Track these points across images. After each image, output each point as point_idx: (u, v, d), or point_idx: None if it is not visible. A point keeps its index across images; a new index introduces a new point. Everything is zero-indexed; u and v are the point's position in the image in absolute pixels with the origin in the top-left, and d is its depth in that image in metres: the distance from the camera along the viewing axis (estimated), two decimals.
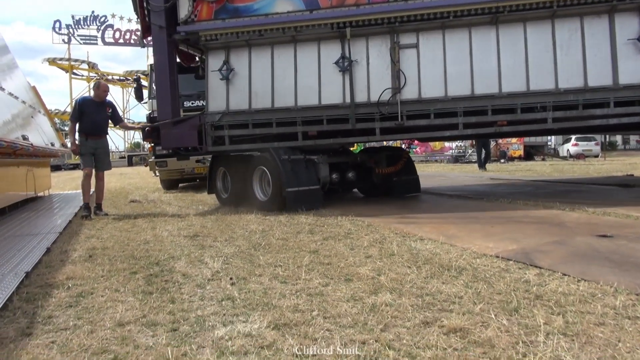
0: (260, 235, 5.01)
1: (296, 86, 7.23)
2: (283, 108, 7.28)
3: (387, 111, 6.96)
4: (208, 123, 7.51)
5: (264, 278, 3.36)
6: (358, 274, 3.34)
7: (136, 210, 7.95)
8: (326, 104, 7.17)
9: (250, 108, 7.38)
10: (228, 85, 7.44)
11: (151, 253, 4.34)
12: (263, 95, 7.33)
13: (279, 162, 6.85)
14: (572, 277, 3.08)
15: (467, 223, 5.38)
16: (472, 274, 3.24)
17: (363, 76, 7.10)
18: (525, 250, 3.90)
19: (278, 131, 7.30)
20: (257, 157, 7.37)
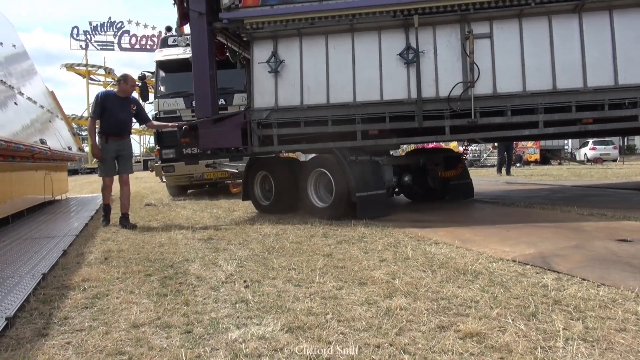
0: (274, 238, 5.02)
1: (354, 80, 6.60)
2: (340, 104, 6.65)
3: (458, 108, 6.35)
4: (254, 121, 6.85)
5: (277, 281, 3.36)
6: (372, 277, 3.31)
7: (151, 213, 8.01)
8: (389, 99, 6.53)
9: (302, 104, 6.72)
10: (277, 79, 6.80)
11: (166, 256, 4.37)
12: (317, 90, 6.70)
13: (346, 163, 6.26)
14: (592, 282, 3.01)
15: (482, 227, 5.32)
16: (488, 278, 3.19)
17: (430, 69, 6.47)
18: (542, 254, 3.83)
19: (334, 130, 6.70)
20: (315, 159, 6.82)
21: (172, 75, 10.99)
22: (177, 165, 10.70)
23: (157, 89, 10.96)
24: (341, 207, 6.30)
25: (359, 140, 6.65)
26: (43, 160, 8.63)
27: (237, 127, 6.96)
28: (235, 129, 6.96)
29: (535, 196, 8.32)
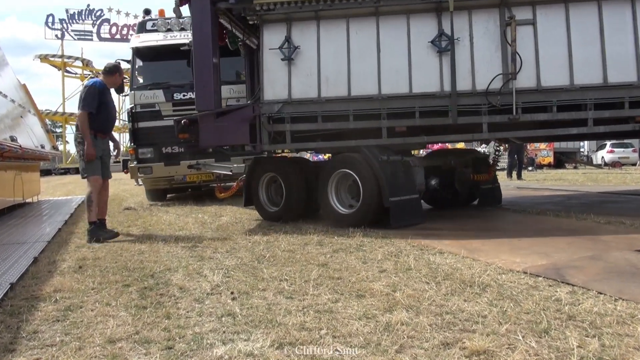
0: (265, 246, 5.01)
1: (380, 70, 6.30)
2: (363, 97, 6.35)
3: (498, 102, 6.11)
4: (264, 115, 6.51)
5: (267, 293, 3.35)
6: (371, 289, 3.31)
7: (130, 218, 7.99)
8: (419, 92, 6.26)
9: (319, 96, 6.42)
10: (290, 68, 6.47)
11: (146, 264, 4.35)
12: (336, 81, 6.41)
13: (378, 164, 5.97)
14: (609, 296, 3.02)
15: (491, 235, 5.32)
16: (497, 291, 3.19)
17: (466, 59, 6.19)
18: (556, 265, 3.84)
19: (356, 126, 6.43)
20: (338, 159, 6.49)
21: (151, 64, 10.65)
22: (156, 166, 10.24)
23: (134, 79, 10.47)
24: (369, 214, 6.04)
25: (384, 138, 6.33)
26: (13, 159, 8.59)
27: (244, 122, 6.62)
28: (242, 124, 6.62)
29: (548, 202, 8.35)
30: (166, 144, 10.05)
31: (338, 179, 6.46)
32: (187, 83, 9.75)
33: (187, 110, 9.58)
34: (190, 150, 9.58)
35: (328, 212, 6.47)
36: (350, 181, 6.37)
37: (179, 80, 10.05)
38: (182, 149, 9.90)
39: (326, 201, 6.46)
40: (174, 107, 9.89)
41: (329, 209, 6.44)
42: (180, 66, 9.86)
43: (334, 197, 6.46)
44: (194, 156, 9.78)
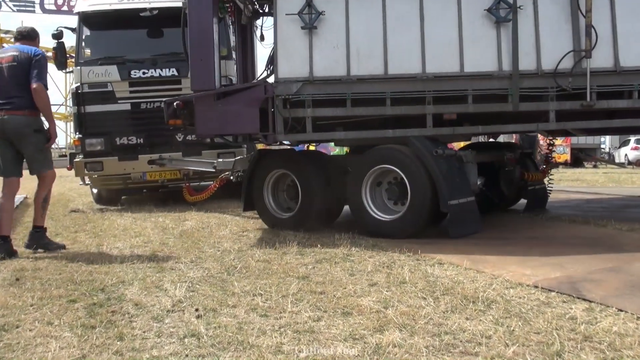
0: (236, 255, 5.00)
1: (423, 43, 5.97)
2: (403, 76, 6.01)
3: (569, 85, 5.84)
4: (279, 97, 6.12)
5: (238, 310, 3.34)
6: (359, 306, 3.32)
7: (78, 222, 7.91)
8: (471, 72, 5.95)
9: (348, 74, 6.07)
10: (312, 38, 6.07)
11: (95, 276, 4.31)
12: (369, 55, 6.06)
13: (432, 159, 5.70)
14: (630, 314, 3.07)
15: (498, 244, 5.38)
16: (503, 307, 3.23)
17: (529, 31, 5.88)
18: (571, 279, 3.89)
19: (394, 112, 6.13)
20: (377, 153, 6.12)
21: (102, 34, 9.99)
22: (107, 161, 9.54)
23: (80, 52, 9.76)
24: (421, 220, 5.77)
25: (429, 127, 6.04)
26: None
27: (254, 106, 6.21)
28: (251, 108, 6.20)
29: (563, 206, 8.45)
30: (121, 133, 9.52)
31: (374, 178, 6.13)
32: (149, 58, 9.49)
33: (148, 92, 9.38)
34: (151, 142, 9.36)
35: (362, 218, 6.12)
36: (390, 180, 6.11)
37: (137, 54, 9.60)
38: (142, 139, 9.51)
39: (359, 205, 6.11)
40: (131, 88, 9.46)
41: (364, 214, 6.08)
42: (139, 37, 9.59)
43: (369, 200, 6.11)
44: (155, 149, 9.48)
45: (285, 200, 6.90)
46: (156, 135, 9.48)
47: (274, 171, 6.82)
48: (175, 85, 9.22)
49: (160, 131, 9.32)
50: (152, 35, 9.79)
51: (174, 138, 9.50)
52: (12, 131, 5.46)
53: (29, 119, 5.51)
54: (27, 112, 5.50)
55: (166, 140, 9.51)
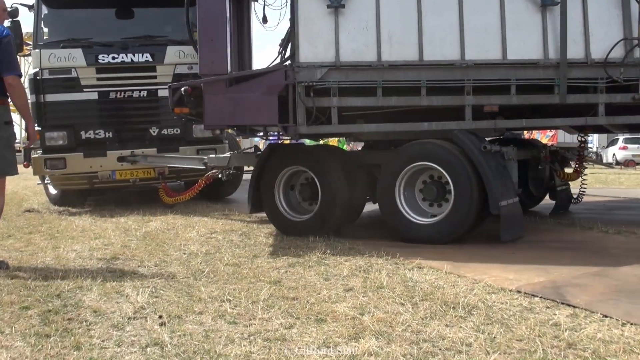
0: (203, 259, 4.97)
1: (462, 27, 5.79)
2: (439, 63, 5.85)
3: (620, 77, 5.70)
4: (302, 83, 5.86)
5: (205, 317, 3.32)
6: (334, 312, 3.32)
7: (33, 223, 7.78)
8: (515, 59, 5.82)
9: (379, 60, 5.82)
10: (337, 18, 5.80)
11: (51, 281, 4.24)
12: (402, 39, 5.84)
13: (482, 156, 5.50)
14: (615, 320, 3.13)
15: (480, 247, 5.45)
16: (485, 313, 3.27)
17: (577, 17, 5.75)
18: (555, 283, 3.95)
19: (430, 103, 5.92)
20: (414, 148, 5.88)
21: (65, 13, 9.39)
22: (71, 157, 8.93)
23: (38, 33, 9.18)
24: (465, 223, 5.57)
25: (468, 120, 5.86)
26: None
27: (272, 93, 5.92)
28: (268, 96, 5.91)
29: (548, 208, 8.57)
30: (87, 126, 8.92)
31: (410, 176, 5.89)
32: (119, 41, 8.96)
33: (118, 80, 8.90)
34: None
35: (395, 221, 5.86)
36: (425, 179, 5.92)
37: (106, 36, 9.01)
38: (110, 133, 8.96)
39: (392, 206, 5.85)
40: (98, 75, 8.90)
41: (398, 217, 5.82)
42: (108, 16, 9.09)
43: (403, 200, 5.85)
44: (126, 144, 8.96)
45: (298, 201, 6.62)
46: (127, 129, 9.08)
47: (287, 168, 6.48)
48: (149, 72, 8.94)
49: (131, 124, 9.08)
50: (123, 16, 9.29)
51: (148, 132, 9.08)
52: None
53: None
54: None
55: (139, 134, 9.09)
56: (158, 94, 8.95)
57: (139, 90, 8.99)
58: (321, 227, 6.08)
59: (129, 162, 8.87)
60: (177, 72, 8.83)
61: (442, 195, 5.79)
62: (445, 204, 5.74)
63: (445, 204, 5.75)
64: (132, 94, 8.93)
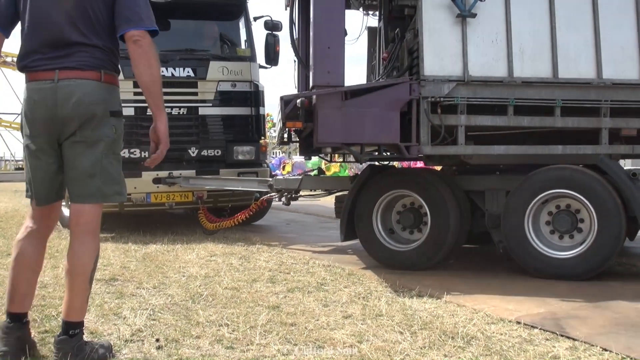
0: (203, 282, 4.96)
1: (597, 44, 5.45)
2: (575, 81, 5.48)
3: None
4: (427, 99, 5.42)
5: (203, 341, 3.31)
6: (332, 339, 3.31)
7: None
8: None
9: (511, 75, 5.46)
10: (465, 29, 5.44)
11: (48, 301, 4.24)
12: (534, 55, 5.50)
13: (633, 185, 5.13)
14: (615, 354, 3.12)
15: (480, 276, 5.43)
16: (484, 344, 3.25)
17: None
18: (555, 315, 3.94)
19: (565, 124, 5.53)
20: (550, 175, 5.40)
21: None
22: None
23: None
24: (608, 259, 5.14)
25: (604, 144, 5.48)
26: None
27: (394, 109, 5.46)
28: (389, 112, 5.45)
29: None
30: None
31: (539, 206, 5.45)
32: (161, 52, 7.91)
33: None
34: None
35: (526, 255, 5.38)
36: (551, 210, 5.47)
37: None
38: (147, 153, 7.86)
39: (521, 239, 5.37)
40: (136, 89, 7.68)
41: (529, 250, 5.36)
42: None
43: (532, 232, 5.38)
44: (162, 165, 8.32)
45: (400, 229, 6.11)
46: None
47: (389, 192, 5.99)
48: (190, 88, 8.46)
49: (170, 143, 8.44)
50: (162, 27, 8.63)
51: (187, 152, 8.49)
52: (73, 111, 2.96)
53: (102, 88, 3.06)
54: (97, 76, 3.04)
55: (177, 154, 8.31)
56: (199, 112, 8.55)
57: (179, 107, 8.43)
58: (431, 257, 5.69)
59: (167, 184, 8.25)
60: (219, 89, 8.50)
61: (573, 227, 5.36)
62: (578, 235, 5.34)
63: (577, 235, 5.35)
64: (172, 111, 8.24)
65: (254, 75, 8.75)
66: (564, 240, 5.40)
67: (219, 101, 8.58)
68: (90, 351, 2.96)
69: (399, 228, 6.09)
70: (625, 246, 6.17)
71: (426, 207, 5.76)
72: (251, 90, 8.67)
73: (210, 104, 8.54)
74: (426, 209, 5.76)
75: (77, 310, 3.01)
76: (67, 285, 3.01)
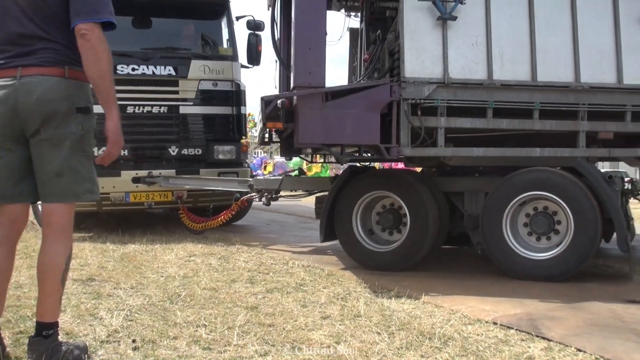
0: (181, 282, 4.93)
1: (576, 48, 5.50)
2: (554, 85, 5.53)
3: None
4: (407, 100, 5.43)
5: (180, 342, 3.30)
6: (309, 340, 3.32)
7: None
8: (630, 84, 5.52)
9: (490, 78, 5.49)
10: (445, 31, 5.46)
11: (24, 302, 4.19)
12: (514, 58, 5.54)
13: (610, 188, 5.21)
14: (589, 354, 3.16)
15: (458, 277, 5.48)
16: (460, 345, 3.28)
17: None
18: (531, 315, 3.98)
19: (543, 127, 5.58)
20: (529, 177, 5.43)
21: None
22: None
23: None
24: (584, 260, 5.21)
25: (582, 147, 5.52)
26: None
27: (374, 110, 5.47)
28: (370, 113, 5.47)
29: None
30: (100, 142, 7.64)
31: (517, 208, 5.48)
32: (139, 51, 8.32)
33: (137, 93, 8.19)
34: None
35: (506, 258, 5.41)
36: (528, 212, 5.52)
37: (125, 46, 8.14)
38: (126, 151, 8.03)
39: (500, 241, 5.41)
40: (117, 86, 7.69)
41: (509, 253, 5.38)
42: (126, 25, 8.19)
43: (511, 235, 5.42)
44: (142, 164, 8.23)
45: (379, 230, 6.14)
46: (144, 148, 8.37)
47: (369, 194, 6.02)
48: (171, 87, 8.37)
49: (149, 142, 8.42)
50: (144, 25, 8.69)
51: (166, 151, 8.42)
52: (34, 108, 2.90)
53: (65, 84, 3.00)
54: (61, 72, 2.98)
55: (156, 153, 8.41)
56: (180, 111, 8.47)
57: (160, 105, 8.35)
58: (410, 258, 5.73)
59: (147, 183, 8.17)
60: (201, 87, 8.44)
61: (550, 228, 5.41)
62: (555, 237, 5.40)
63: (554, 237, 5.40)
64: (152, 109, 8.30)
65: (236, 75, 8.73)
66: (541, 241, 5.45)
67: (200, 100, 8.53)
68: (65, 352, 2.94)
69: (378, 229, 6.12)
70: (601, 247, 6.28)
71: (405, 208, 5.79)
72: (233, 90, 8.66)
73: (191, 102, 8.49)
74: (405, 210, 5.79)
75: (50, 311, 3.00)
76: (39, 286, 3.01)
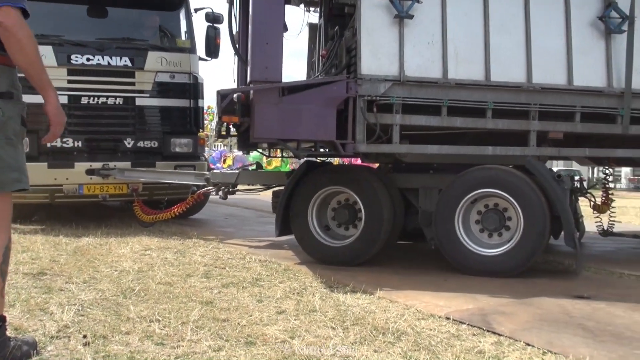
0: (135, 276, 4.88)
1: (528, 49, 5.62)
2: (507, 85, 5.64)
3: None
4: (363, 97, 5.48)
5: (132, 337, 3.26)
6: (264, 335, 3.33)
7: None
8: (581, 86, 5.69)
9: (445, 77, 5.57)
10: (402, 30, 5.49)
11: None
12: (469, 57, 5.63)
13: (557, 185, 5.32)
14: (537, 349, 3.25)
15: (413, 273, 5.55)
16: (413, 339, 3.33)
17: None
18: (483, 311, 4.07)
19: (495, 126, 5.70)
20: (479, 174, 5.53)
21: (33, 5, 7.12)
22: (33, 167, 7.34)
23: None
24: (533, 256, 5.33)
25: (532, 146, 5.67)
26: None
27: (330, 106, 5.50)
28: (326, 109, 5.49)
29: None
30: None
31: (469, 205, 5.56)
32: (94, 41, 8.22)
33: (92, 84, 8.13)
34: None
35: (457, 253, 5.50)
36: (480, 208, 5.60)
37: (80, 36, 8.18)
38: (80, 143, 8.11)
39: (452, 237, 5.49)
40: (70, 77, 8.04)
41: (459, 248, 5.48)
42: (82, 14, 8.31)
43: (462, 230, 5.51)
44: (96, 156, 8.17)
45: (335, 226, 6.17)
46: (99, 139, 8.34)
47: (324, 189, 6.02)
48: (127, 78, 8.32)
49: (104, 134, 8.35)
50: (99, 15, 8.58)
51: (122, 144, 8.39)
52: None
53: None
54: None
55: (111, 145, 8.38)
56: (135, 102, 8.41)
57: (115, 97, 8.27)
58: (365, 253, 5.79)
59: (102, 175, 8.09)
60: (157, 79, 8.40)
61: (502, 225, 5.52)
62: (506, 233, 5.51)
63: (505, 233, 5.52)
64: (107, 100, 8.22)
65: (194, 67, 8.69)
66: (492, 238, 5.56)
67: (156, 92, 8.49)
68: (14, 348, 2.87)
69: (334, 224, 6.15)
70: (553, 244, 6.46)
71: (360, 204, 5.84)
72: (190, 82, 8.63)
73: (148, 94, 8.45)
74: (361, 205, 5.84)
75: None
76: None
